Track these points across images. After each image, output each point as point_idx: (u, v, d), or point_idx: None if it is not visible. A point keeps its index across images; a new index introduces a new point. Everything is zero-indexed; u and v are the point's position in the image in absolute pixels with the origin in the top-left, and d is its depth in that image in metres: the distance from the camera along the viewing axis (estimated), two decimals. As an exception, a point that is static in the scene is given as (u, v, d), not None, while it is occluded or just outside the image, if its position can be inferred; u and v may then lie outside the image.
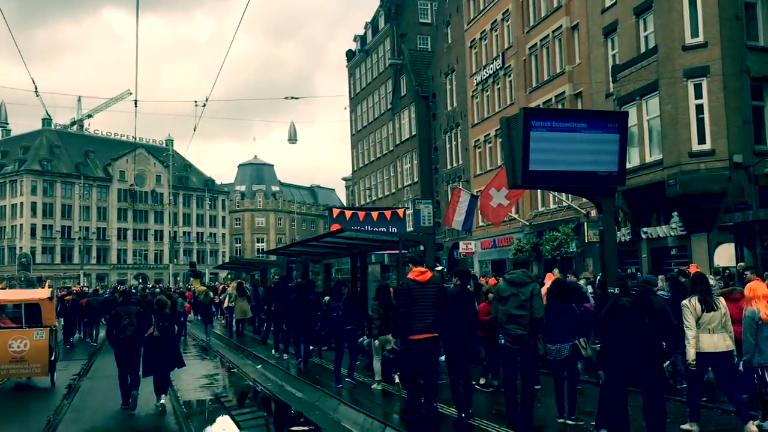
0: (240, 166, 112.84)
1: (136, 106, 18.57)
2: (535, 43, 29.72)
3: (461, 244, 34.62)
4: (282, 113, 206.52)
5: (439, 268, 11.90)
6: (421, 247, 23.92)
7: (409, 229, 36.17)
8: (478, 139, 35.48)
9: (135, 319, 9.99)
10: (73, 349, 19.52)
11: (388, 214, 27.65)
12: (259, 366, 14.36)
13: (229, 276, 66.25)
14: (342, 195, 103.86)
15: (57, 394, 11.59)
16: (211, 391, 12.19)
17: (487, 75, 34.26)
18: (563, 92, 27.30)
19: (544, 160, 6.55)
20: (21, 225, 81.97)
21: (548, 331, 7.46)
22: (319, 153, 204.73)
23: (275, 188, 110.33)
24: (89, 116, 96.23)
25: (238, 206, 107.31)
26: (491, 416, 8.10)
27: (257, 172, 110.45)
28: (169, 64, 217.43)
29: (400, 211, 28.77)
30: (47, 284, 48.71)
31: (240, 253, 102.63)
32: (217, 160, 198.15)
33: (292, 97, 21.95)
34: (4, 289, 26.92)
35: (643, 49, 21.91)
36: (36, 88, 16.45)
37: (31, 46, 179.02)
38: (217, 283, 46.87)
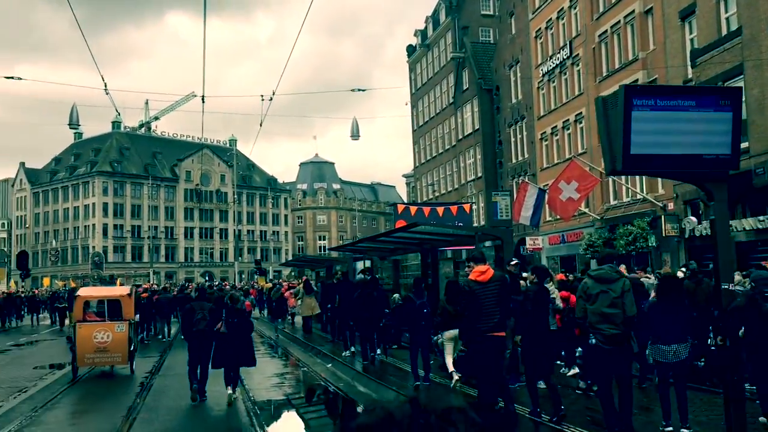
0: (301, 164, 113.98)
1: (203, 102, 18.61)
2: (606, 30, 28.60)
3: (528, 240, 33.70)
4: (341, 110, 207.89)
5: (515, 262, 11.33)
6: (482, 245, 23.24)
7: (476, 224, 35.51)
8: (545, 132, 34.50)
9: (207, 314, 10.48)
10: (145, 345, 19.71)
11: (454, 209, 27.23)
12: (330, 365, 14.08)
13: (293, 273, 66.97)
14: (402, 192, 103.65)
15: (130, 392, 11.57)
16: (283, 390, 11.94)
17: (554, 65, 33.26)
18: (637, 80, 26.14)
19: (647, 143, 5.92)
20: (93, 225, 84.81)
21: (659, 331, 6.87)
22: (379, 150, 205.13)
23: (336, 186, 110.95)
24: (156, 118, 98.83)
25: (299, 204, 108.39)
26: (586, 423, 7.52)
27: (318, 170, 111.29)
28: (232, 66, 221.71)
29: (467, 206, 28.36)
30: (119, 282, 50.13)
31: (302, 250, 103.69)
32: (278, 159, 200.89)
33: (359, 89, 21.58)
34: (76, 287, 27.77)
35: (725, 32, 20.70)
36: (105, 86, 16.62)
37: (101, 51, 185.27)
38: (280, 280, 47.23)
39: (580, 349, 10.13)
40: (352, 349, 14.80)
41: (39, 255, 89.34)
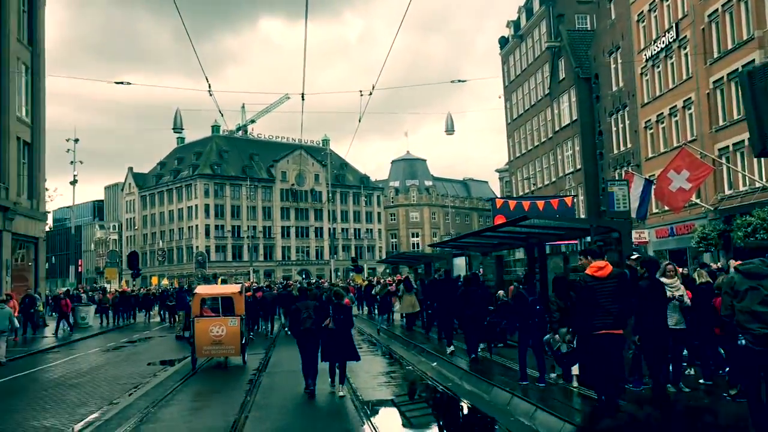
0: (393, 162, 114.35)
1: (303, 99, 18.83)
2: (716, 9, 26.89)
3: (633, 233, 32.13)
4: (432, 107, 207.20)
5: (635, 256, 10.64)
6: (584, 240, 22.31)
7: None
8: (649, 120, 32.89)
9: (312, 313, 10.88)
10: (250, 341, 20.05)
11: (554, 202, 26.24)
12: (434, 363, 13.77)
13: (387, 271, 67.12)
14: (495, 187, 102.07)
15: (240, 389, 11.68)
16: (390, 390, 11.73)
17: (658, 49, 31.62)
18: (753, 60, 24.42)
19: (803, 119, 5.28)
20: (196, 226, 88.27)
21: None
22: (471, 146, 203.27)
23: (428, 183, 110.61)
24: (252, 121, 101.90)
25: (392, 202, 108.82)
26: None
27: (410, 167, 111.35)
28: (324, 67, 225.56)
29: (568, 199, 27.29)
30: (220, 281, 51.74)
31: (396, 248, 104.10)
32: (370, 158, 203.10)
33: (458, 80, 21.19)
34: (183, 286, 28.87)
35: None
36: (209, 86, 16.97)
37: (201, 58, 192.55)
38: (376, 277, 47.39)
39: (722, 351, 9.43)
40: (452, 348, 14.58)
41: (147, 255, 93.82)
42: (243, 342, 14.62)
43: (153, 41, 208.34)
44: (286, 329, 21.86)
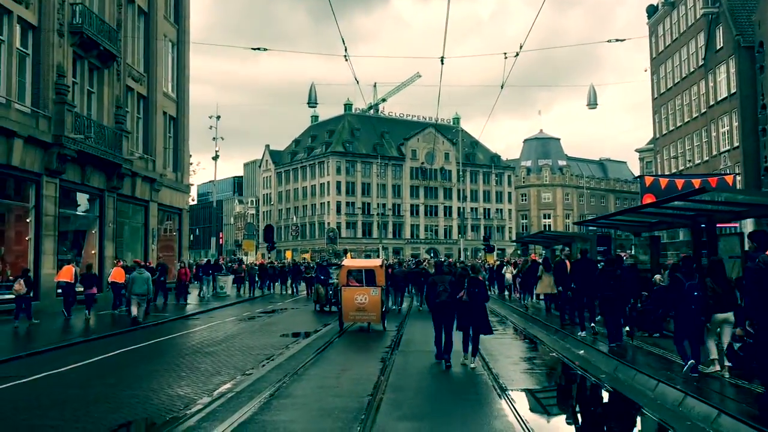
0: (525, 141, 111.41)
1: (442, 63, 18.05)
2: None
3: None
4: (566, 82, 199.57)
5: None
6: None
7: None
8: (826, 90, 29.13)
9: (448, 286, 11.20)
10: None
11: (713, 181, 24.01)
12: (581, 351, 12.57)
13: (517, 251, 65.31)
14: (635, 167, 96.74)
15: (373, 368, 11.15)
16: (535, 378, 10.74)
17: (841, 9, 27.81)
18: None
19: None
20: (328, 202, 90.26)
21: None
22: (607, 125, 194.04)
23: (562, 162, 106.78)
24: (383, 100, 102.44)
25: (523, 182, 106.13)
26: None
27: (543, 146, 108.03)
28: (457, 44, 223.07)
29: (728, 178, 24.99)
30: (349, 256, 52.27)
31: (526, 228, 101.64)
32: (501, 137, 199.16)
33: (617, 40, 19.48)
34: (320, 260, 29.12)
35: None
36: (345, 49, 16.66)
37: (333, 39, 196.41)
38: (505, 258, 46.03)
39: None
40: (584, 333, 13.57)
41: (282, 229, 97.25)
42: (384, 310, 16.18)
43: (288, 23, 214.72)
44: (420, 307, 21.48)
